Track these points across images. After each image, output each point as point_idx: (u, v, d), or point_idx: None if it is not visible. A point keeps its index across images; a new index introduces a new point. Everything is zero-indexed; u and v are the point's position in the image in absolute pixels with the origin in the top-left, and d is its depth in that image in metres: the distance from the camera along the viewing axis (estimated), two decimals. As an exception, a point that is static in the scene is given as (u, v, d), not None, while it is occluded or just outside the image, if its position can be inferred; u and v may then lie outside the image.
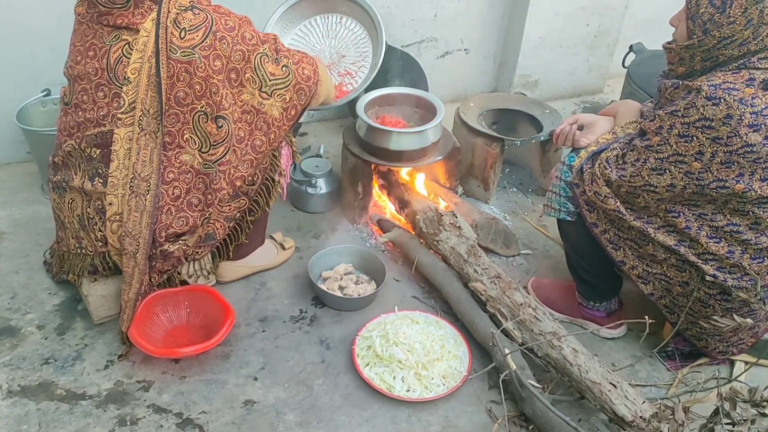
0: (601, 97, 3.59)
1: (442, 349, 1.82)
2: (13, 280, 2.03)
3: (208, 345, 1.72)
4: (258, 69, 1.70)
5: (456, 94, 3.36)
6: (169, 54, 1.58)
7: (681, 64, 1.62)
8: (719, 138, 1.46)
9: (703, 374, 1.75)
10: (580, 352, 1.65)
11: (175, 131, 1.65)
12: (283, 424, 1.65)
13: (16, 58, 2.41)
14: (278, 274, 2.15)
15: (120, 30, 1.62)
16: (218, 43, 1.62)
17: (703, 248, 1.61)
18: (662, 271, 1.71)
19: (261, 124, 1.76)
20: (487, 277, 1.92)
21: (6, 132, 2.51)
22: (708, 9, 1.51)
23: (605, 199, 1.66)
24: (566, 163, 1.78)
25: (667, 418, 1.41)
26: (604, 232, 1.72)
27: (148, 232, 1.68)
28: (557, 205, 1.80)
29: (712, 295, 1.66)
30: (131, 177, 1.66)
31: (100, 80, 1.64)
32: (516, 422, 1.68)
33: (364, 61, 2.40)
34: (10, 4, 2.31)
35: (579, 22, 3.27)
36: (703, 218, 1.60)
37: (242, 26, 1.68)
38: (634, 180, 1.60)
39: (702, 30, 1.54)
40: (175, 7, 1.60)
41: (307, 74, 1.79)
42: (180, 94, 1.61)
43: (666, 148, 1.55)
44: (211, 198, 1.74)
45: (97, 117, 1.66)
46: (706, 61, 1.57)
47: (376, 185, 2.46)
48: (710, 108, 1.46)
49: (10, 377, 1.71)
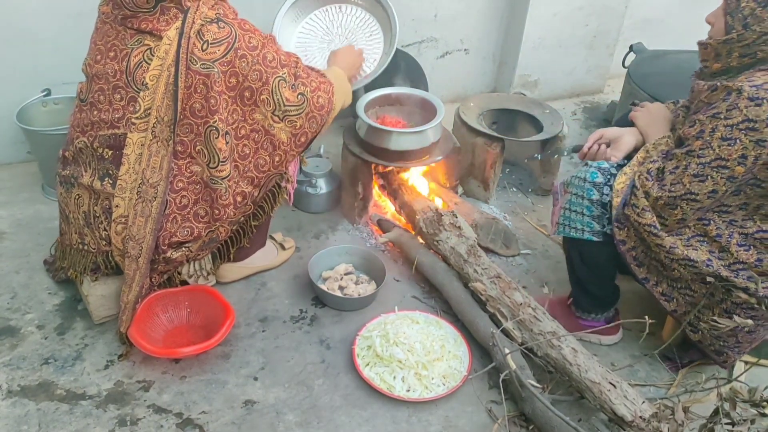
0: (601, 97, 3.59)
1: (442, 349, 1.82)
2: (13, 280, 2.03)
3: (208, 345, 1.72)
4: (275, 92, 1.69)
5: (456, 94, 3.36)
6: (189, 64, 1.57)
7: (717, 60, 1.59)
8: (763, 140, 1.44)
9: (703, 374, 1.75)
10: (579, 352, 1.65)
11: (188, 141, 1.65)
12: (283, 424, 1.65)
13: (16, 58, 2.41)
14: (278, 274, 2.15)
15: (143, 34, 1.61)
16: (238, 61, 1.61)
17: (733, 257, 1.59)
18: (687, 284, 1.66)
19: (267, 144, 1.75)
20: (487, 277, 1.92)
21: (7, 132, 2.51)
22: (749, 3, 1.50)
23: (642, 212, 1.59)
24: (588, 180, 1.69)
25: (667, 418, 1.42)
26: (632, 249, 1.67)
27: (152, 237, 1.68)
28: (580, 225, 1.72)
29: (739, 304, 1.62)
30: (139, 182, 1.65)
31: (118, 82, 1.64)
32: (516, 422, 1.68)
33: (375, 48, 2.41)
34: (11, 4, 2.31)
35: (578, 22, 3.27)
36: (733, 225, 1.59)
37: (265, 46, 1.67)
38: (675, 189, 1.55)
39: (742, 24, 1.52)
40: (200, 18, 1.59)
41: (322, 103, 1.78)
42: (196, 105, 1.61)
43: (708, 152, 1.50)
44: (218, 213, 1.73)
45: (112, 119, 1.66)
46: (744, 57, 1.54)
47: (376, 185, 2.46)
48: (753, 109, 1.44)
49: (10, 377, 1.72)
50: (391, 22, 2.35)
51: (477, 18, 3.20)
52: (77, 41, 2.45)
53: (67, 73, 2.49)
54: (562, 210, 1.76)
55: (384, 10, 2.37)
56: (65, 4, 2.39)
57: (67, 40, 2.44)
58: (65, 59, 2.46)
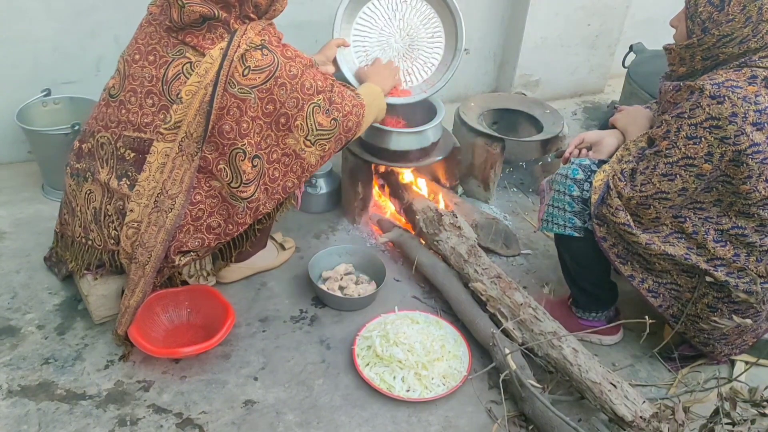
0: (601, 96, 3.59)
1: (442, 349, 1.82)
2: (13, 280, 2.03)
3: (209, 345, 1.72)
4: (309, 118, 1.69)
5: (456, 94, 3.36)
6: (227, 87, 1.57)
7: (682, 65, 1.61)
8: (727, 138, 1.45)
9: (703, 374, 1.75)
10: (580, 352, 1.65)
11: (211, 159, 1.65)
12: (283, 424, 1.65)
13: (17, 58, 2.41)
14: (278, 274, 2.15)
15: (186, 46, 1.61)
16: (277, 89, 1.62)
17: (711, 254, 1.60)
18: (672, 279, 1.69)
19: (297, 168, 1.75)
20: (488, 277, 1.92)
21: (7, 132, 2.51)
22: (707, 7, 1.51)
23: (615, 211, 1.61)
24: (570, 177, 1.72)
25: (668, 418, 1.41)
26: (613, 246, 1.69)
27: (162, 248, 1.67)
28: (562, 221, 1.74)
29: (720, 299, 1.65)
30: (158, 192, 1.65)
31: (152, 88, 1.63)
32: (516, 422, 1.68)
33: (435, 52, 2.30)
34: (12, 4, 2.31)
35: (580, 22, 3.27)
36: (708, 222, 1.60)
37: (304, 73, 1.67)
38: (645, 188, 1.57)
39: (701, 29, 1.53)
40: (245, 43, 1.58)
41: (350, 126, 1.79)
42: (225, 127, 1.61)
43: (675, 151, 1.53)
44: (231, 228, 1.73)
45: (140, 122, 1.65)
46: (707, 60, 1.56)
47: (376, 185, 2.46)
48: (715, 107, 1.45)
49: (10, 377, 1.72)
50: (458, 27, 2.23)
51: (478, 18, 3.20)
52: (77, 41, 2.46)
53: (67, 73, 2.49)
54: (546, 207, 1.78)
55: (451, 14, 2.23)
56: (66, 5, 2.39)
57: (67, 40, 2.44)
58: (65, 59, 2.47)
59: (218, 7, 1.57)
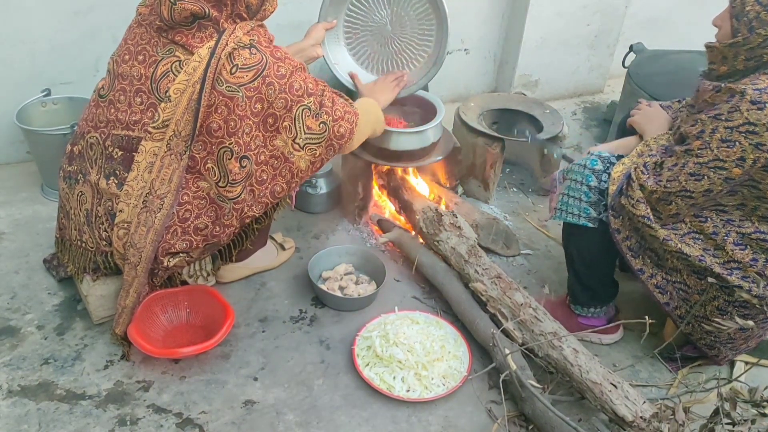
0: (601, 97, 3.59)
1: (442, 350, 1.82)
2: (13, 280, 2.03)
3: (208, 345, 1.72)
4: (297, 120, 1.69)
5: (456, 94, 3.36)
6: (215, 84, 1.57)
7: (723, 63, 1.59)
8: (762, 144, 1.45)
9: (704, 374, 1.75)
10: (580, 353, 1.65)
11: (199, 158, 1.65)
12: (283, 424, 1.65)
13: (15, 58, 2.40)
14: (278, 275, 2.15)
15: (175, 45, 1.61)
16: (265, 88, 1.61)
17: (728, 256, 1.59)
18: (682, 279, 1.68)
19: (286, 172, 1.74)
20: (488, 278, 1.91)
21: (6, 132, 2.51)
22: (754, 7, 1.49)
23: (636, 203, 1.60)
24: (588, 167, 1.72)
25: (668, 419, 1.41)
26: (626, 239, 1.68)
27: (152, 248, 1.67)
28: (577, 210, 1.73)
29: (731, 302, 1.63)
30: (147, 192, 1.65)
31: (141, 86, 1.64)
32: (516, 422, 1.68)
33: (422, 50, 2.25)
34: (10, 3, 2.31)
35: (580, 22, 3.27)
36: (731, 224, 1.59)
37: (293, 74, 1.66)
38: (671, 185, 1.56)
39: (748, 28, 1.52)
40: (233, 41, 1.58)
41: (342, 132, 1.78)
42: (213, 125, 1.60)
43: (707, 152, 1.51)
44: (218, 231, 1.73)
45: (129, 120, 1.66)
46: (750, 60, 1.54)
47: (376, 185, 2.46)
48: (755, 112, 1.44)
49: (10, 377, 1.71)
50: (444, 31, 2.16)
51: (478, 17, 3.20)
52: (76, 41, 2.46)
53: (66, 73, 2.49)
54: (560, 195, 1.78)
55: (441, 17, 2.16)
56: (65, 4, 2.38)
57: (66, 39, 2.44)
58: (64, 59, 2.46)
59: (209, 6, 1.58)
